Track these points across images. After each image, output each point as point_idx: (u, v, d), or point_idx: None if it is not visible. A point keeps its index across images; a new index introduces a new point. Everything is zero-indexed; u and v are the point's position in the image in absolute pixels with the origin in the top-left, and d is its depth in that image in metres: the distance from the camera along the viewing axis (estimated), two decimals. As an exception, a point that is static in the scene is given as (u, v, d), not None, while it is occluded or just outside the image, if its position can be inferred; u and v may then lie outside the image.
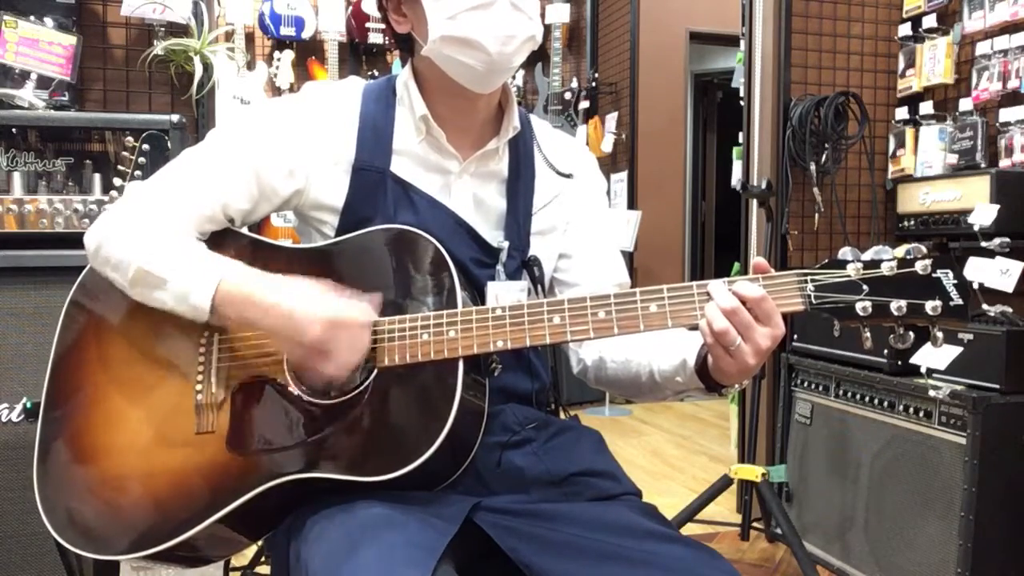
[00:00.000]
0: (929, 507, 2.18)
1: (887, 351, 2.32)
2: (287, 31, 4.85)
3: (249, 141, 1.18)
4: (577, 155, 1.33)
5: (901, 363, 2.31)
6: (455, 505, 1.05)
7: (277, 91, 4.80)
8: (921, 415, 2.23)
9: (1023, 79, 2.51)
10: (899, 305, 0.96)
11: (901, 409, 2.30)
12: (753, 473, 2.62)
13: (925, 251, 0.98)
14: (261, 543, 1.76)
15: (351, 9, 4.99)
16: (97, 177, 2.10)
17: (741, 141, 3.16)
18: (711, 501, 2.69)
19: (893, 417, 2.33)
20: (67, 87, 2.27)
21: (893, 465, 2.32)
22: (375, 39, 5.02)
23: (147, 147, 2.02)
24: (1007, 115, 2.56)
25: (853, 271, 0.98)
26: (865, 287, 0.98)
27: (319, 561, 0.96)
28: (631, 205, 5.22)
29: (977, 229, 2.40)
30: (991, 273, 2.30)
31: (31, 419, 1.84)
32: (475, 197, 1.23)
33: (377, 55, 5.21)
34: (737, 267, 3.43)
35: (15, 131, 2.13)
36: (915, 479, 2.24)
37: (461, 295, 1.08)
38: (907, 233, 2.80)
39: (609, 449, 1.25)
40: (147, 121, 2.09)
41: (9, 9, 2.23)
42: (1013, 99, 2.57)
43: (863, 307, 0.97)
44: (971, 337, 2.14)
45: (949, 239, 2.70)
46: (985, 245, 2.26)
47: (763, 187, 2.77)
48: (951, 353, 2.15)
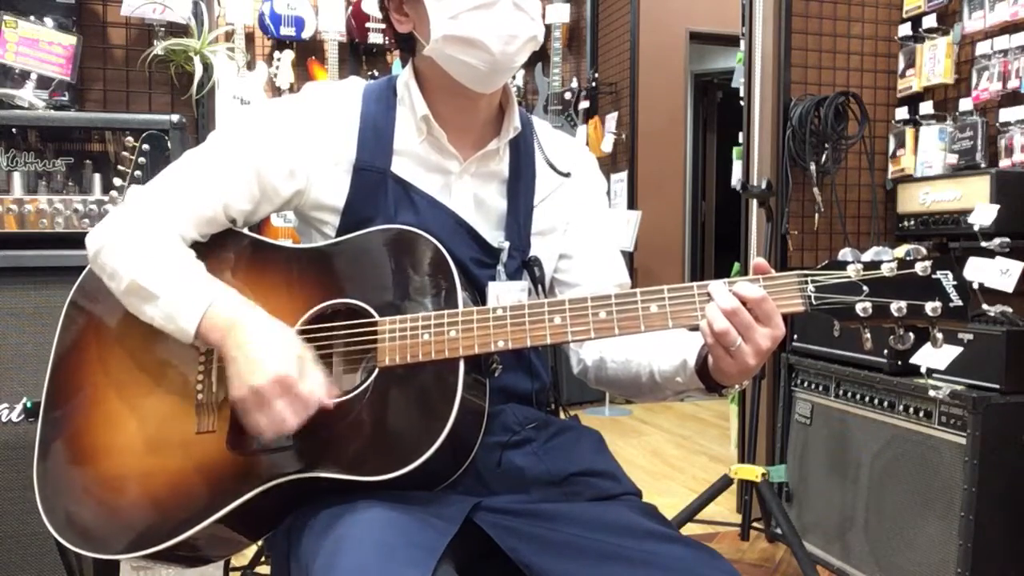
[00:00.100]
0: (929, 507, 2.18)
1: (887, 351, 2.32)
2: (287, 31, 4.85)
3: (250, 142, 1.18)
4: (577, 155, 1.33)
5: (901, 363, 2.31)
6: (455, 505, 1.05)
7: (277, 91, 4.79)
8: (921, 415, 2.23)
9: (1023, 79, 2.51)
10: (899, 306, 0.97)
11: (901, 409, 2.30)
12: (753, 473, 2.62)
13: (925, 252, 0.98)
14: (261, 543, 1.76)
15: (351, 9, 4.99)
16: (97, 177, 2.10)
17: (741, 141, 3.16)
18: (711, 501, 2.69)
19: (893, 417, 2.33)
20: (67, 87, 2.27)
21: (893, 465, 2.32)
22: (375, 39, 5.02)
23: (147, 147, 2.02)
24: (1007, 115, 2.56)
25: (853, 272, 0.99)
26: (865, 288, 0.98)
27: (319, 561, 0.96)
28: (631, 205, 5.22)
29: (977, 229, 2.40)
30: (991, 273, 2.30)
31: (31, 419, 1.84)
32: (476, 197, 1.23)
33: (377, 55, 5.21)
34: (737, 267, 3.43)
35: (15, 131, 2.13)
36: (915, 479, 2.24)
37: (462, 295, 1.08)
38: (907, 233, 2.80)
39: (609, 449, 1.25)
40: (147, 121, 2.09)
41: (9, 9, 2.23)
42: (1013, 99, 2.57)
43: (863, 308, 0.97)
44: (971, 337, 2.14)
45: (949, 239, 2.70)
46: (985, 245, 2.25)
47: (763, 187, 2.76)
48: (951, 353, 2.15)
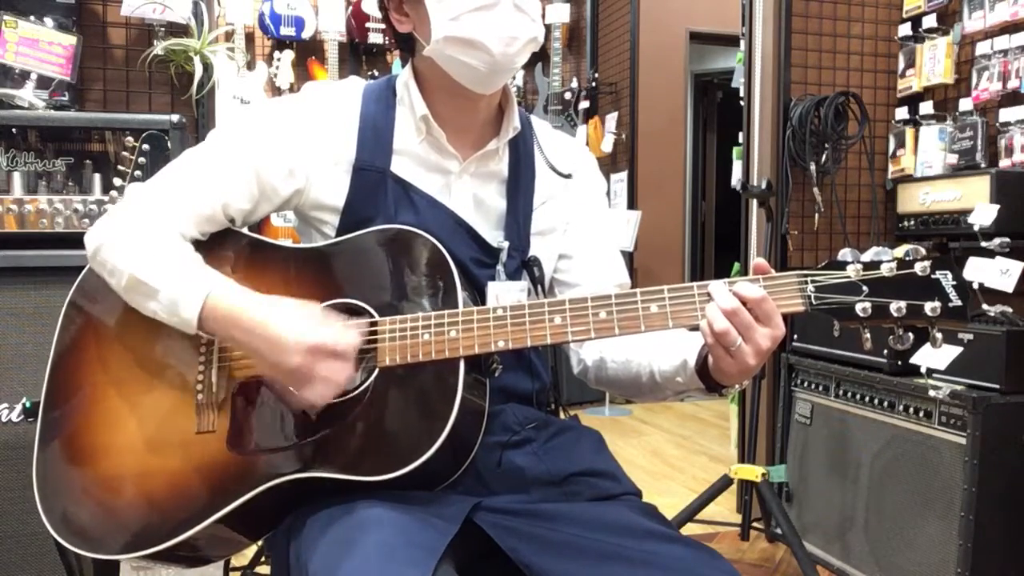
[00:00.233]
0: (929, 507, 2.18)
1: (887, 351, 2.32)
2: (287, 31, 4.85)
3: (249, 141, 1.18)
4: (577, 155, 1.33)
5: (901, 363, 2.31)
6: (455, 505, 1.05)
7: (277, 91, 4.80)
8: (921, 415, 2.23)
9: (1023, 79, 2.51)
10: (899, 306, 0.97)
11: (901, 409, 2.30)
12: (753, 473, 2.62)
13: (924, 252, 0.98)
14: (261, 543, 1.76)
15: (351, 9, 4.99)
16: (97, 177, 2.10)
17: (741, 141, 3.16)
18: (711, 501, 2.69)
19: (893, 417, 2.33)
20: (67, 87, 2.27)
21: (893, 465, 2.32)
22: (375, 39, 5.02)
23: (147, 147, 2.02)
24: (1007, 115, 2.56)
25: (853, 272, 0.99)
26: (865, 288, 0.98)
27: (319, 561, 0.96)
28: (631, 205, 5.22)
29: (977, 229, 2.40)
30: (991, 273, 2.29)
31: (31, 419, 1.84)
32: (475, 197, 1.23)
33: (377, 55, 5.21)
34: (737, 267, 3.43)
35: (15, 131, 2.13)
36: (915, 479, 2.24)
37: (461, 295, 1.08)
38: (907, 233, 2.80)
39: (609, 449, 1.25)
40: (147, 121, 2.09)
41: (9, 9, 2.23)
42: (1013, 99, 2.57)
43: (863, 308, 0.98)
44: (971, 337, 2.14)
45: (949, 239, 2.70)
46: (985, 245, 2.25)
47: (763, 187, 2.76)
48: (951, 353, 2.15)
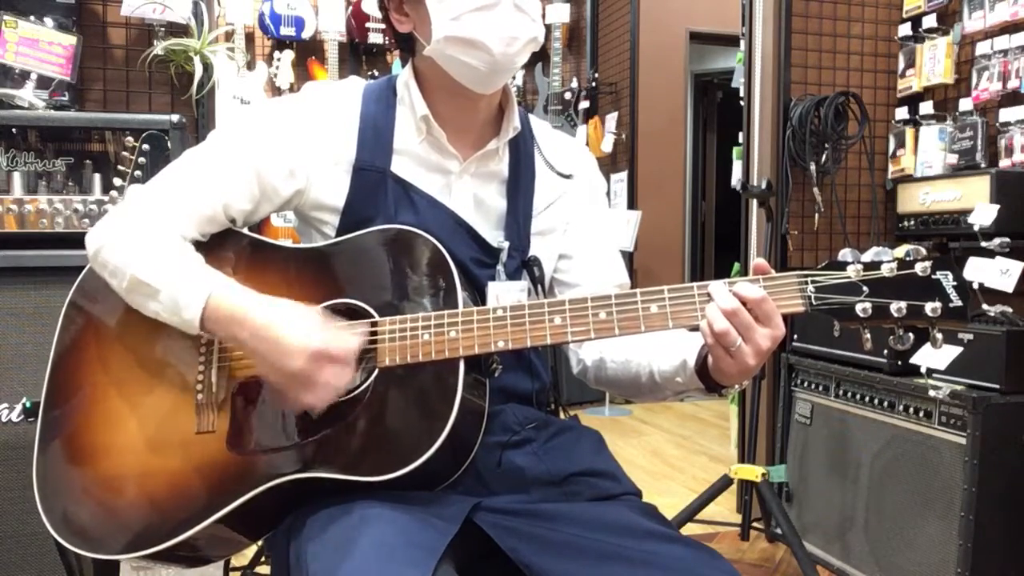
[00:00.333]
0: (929, 507, 2.18)
1: (887, 351, 2.32)
2: (287, 31, 4.85)
3: (250, 141, 1.18)
4: (577, 155, 1.33)
5: (901, 363, 2.31)
6: (455, 505, 1.05)
7: (277, 91, 4.79)
8: (921, 415, 2.23)
9: (1023, 79, 2.51)
10: (899, 307, 0.97)
11: (901, 409, 2.30)
12: (753, 473, 2.62)
13: (925, 252, 0.98)
14: (261, 543, 1.76)
15: (351, 9, 4.99)
16: (97, 177, 2.10)
17: (741, 141, 3.16)
18: (711, 501, 2.69)
19: (893, 417, 2.33)
20: (67, 87, 2.27)
21: (893, 465, 2.32)
22: (375, 39, 5.02)
23: (147, 147, 2.02)
24: (1007, 115, 2.56)
25: (853, 272, 0.99)
26: (865, 288, 0.98)
27: (319, 561, 0.96)
28: (631, 205, 5.22)
29: (977, 229, 2.40)
30: (991, 273, 2.29)
31: (31, 419, 1.84)
32: (475, 197, 1.23)
33: (377, 55, 5.21)
34: (737, 267, 3.43)
35: (15, 131, 2.13)
36: (915, 479, 2.24)
37: (461, 295, 1.08)
38: (907, 233, 2.80)
39: (609, 449, 1.25)
40: (147, 121, 2.09)
41: (9, 9, 2.23)
42: (1013, 99, 2.57)
43: (863, 308, 0.97)
44: (971, 337, 2.14)
45: (949, 239, 2.70)
46: (985, 245, 2.25)
47: (763, 187, 2.76)
48: (951, 353, 2.15)
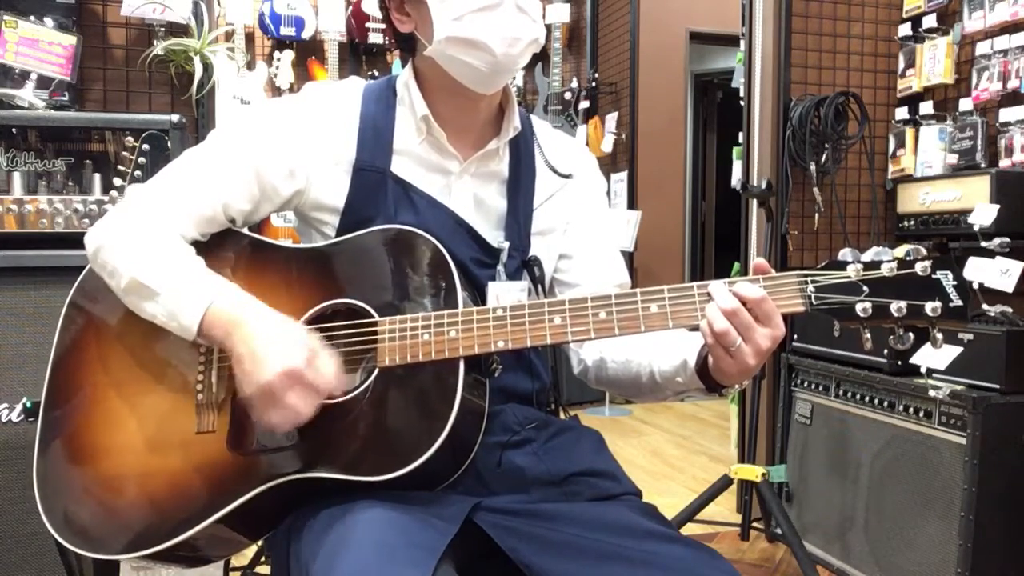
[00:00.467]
0: (929, 507, 2.18)
1: (887, 351, 2.32)
2: (287, 31, 4.85)
3: (250, 141, 1.18)
4: (577, 155, 1.33)
5: (901, 363, 2.31)
6: (455, 505, 1.05)
7: (277, 91, 4.79)
8: (921, 415, 2.23)
9: (1023, 79, 2.51)
10: (899, 306, 0.97)
11: (901, 409, 2.30)
12: (753, 473, 2.62)
13: (925, 252, 0.98)
14: (261, 543, 1.76)
15: (351, 9, 4.99)
16: (97, 177, 2.10)
17: (741, 141, 3.16)
18: (711, 501, 2.69)
19: (893, 417, 2.33)
20: (67, 87, 2.27)
21: (893, 465, 2.32)
22: (375, 39, 5.02)
23: (147, 147, 2.02)
24: (1007, 115, 2.56)
25: (853, 272, 0.98)
26: (865, 288, 0.98)
27: (319, 561, 0.96)
28: (631, 205, 5.22)
29: (977, 229, 2.40)
30: (991, 273, 2.29)
31: (31, 419, 1.84)
32: (475, 197, 1.23)
33: (377, 55, 5.21)
34: (737, 267, 3.43)
35: (15, 131, 2.13)
36: (915, 479, 2.24)
37: (461, 295, 1.08)
38: (907, 233, 2.80)
39: (609, 449, 1.25)
40: (147, 121, 2.09)
41: (9, 9, 2.23)
42: (1013, 99, 2.57)
43: (863, 308, 0.97)
44: (971, 337, 2.14)
45: (949, 239, 2.70)
46: (985, 245, 2.25)
47: (763, 187, 2.76)
48: (951, 353, 2.15)
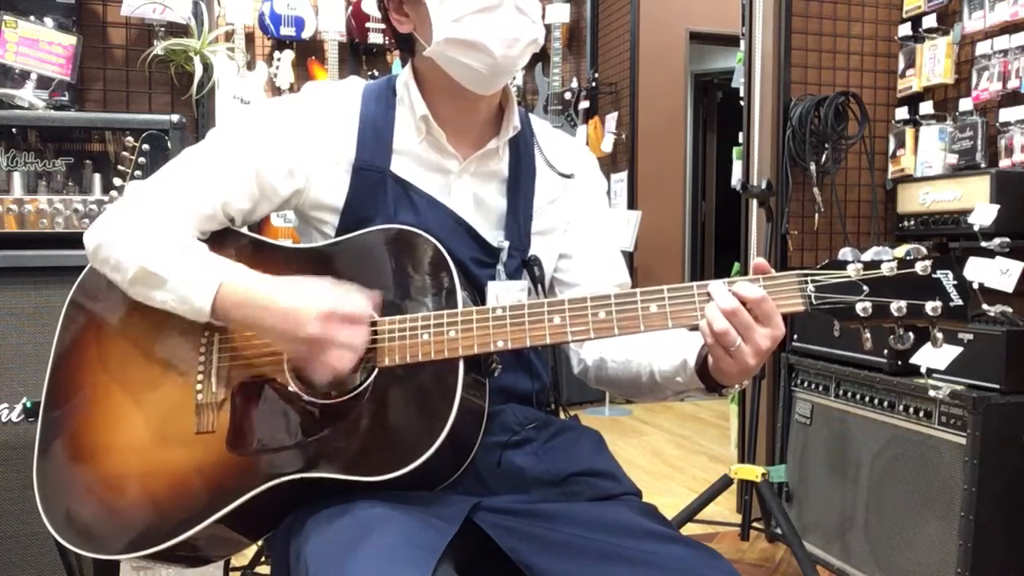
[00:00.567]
0: (929, 507, 2.18)
1: (887, 351, 2.32)
2: (287, 31, 4.85)
3: (250, 140, 1.18)
4: (577, 155, 1.33)
5: (901, 363, 2.31)
6: (455, 505, 1.05)
7: (277, 91, 4.79)
8: (921, 415, 2.23)
9: (1023, 79, 2.51)
10: (899, 306, 0.96)
11: (901, 409, 2.30)
12: (753, 473, 2.62)
13: (925, 252, 0.98)
14: (261, 543, 1.76)
15: (351, 9, 4.99)
16: (97, 177, 2.11)
17: (741, 141, 3.16)
18: (711, 501, 2.69)
19: (893, 417, 2.33)
20: (67, 87, 2.27)
21: (893, 465, 2.32)
22: (375, 39, 5.02)
23: (147, 147, 2.02)
24: (1007, 115, 2.56)
25: (853, 272, 0.98)
26: (865, 288, 0.98)
27: (319, 561, 0.96)
28: (631, 205, 5.22)
29: (977, 229, 2.40)
30: (991, 273, 2.29)
31: (31, 419, 1.84)
32: (475, 197, 1.23)
33: (377, 55, 5.21)
34: (737, 267, 3.43)
35: (15, 131, 2.13)
36: (915, 479, 2.24)
37: (461, 295, 1.08)
38: (907, 233, 2.80)
39: (609, 449, 1.25)
40: (147, 121, 2.09)
41: (9, 9, 2.23)
42: (1013, 99, 2.57)
43: (863, 308, 0.97)
44: (971, 337, 2.14)
45: (949, 239, 2.70)
46: (985, 245, 2.25)
47: (763, 187, 2.76)
48: (951, 353, 2.15)
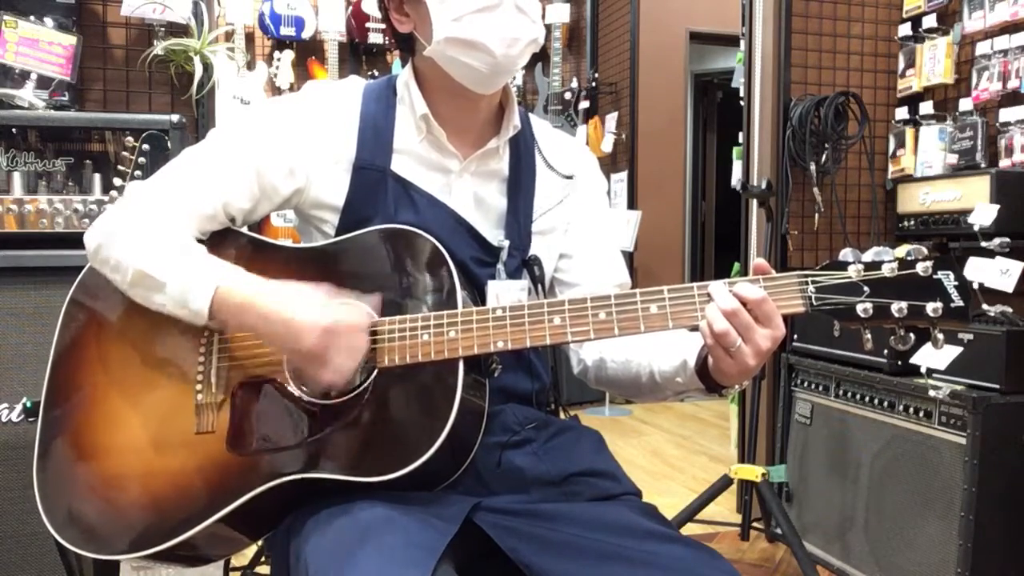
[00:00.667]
0: (929, 507, 2.18)
1: (887, 351, 2.32)
2: (287, 31, 4.85)
3: (250, 140, 1.18)
4: (577, 155, 1.33)
5: (901, 363, 2.30)
6: (455, 505, 1.05)
7: (277, 91, 4.79)
8: (921, 415, 2.23)
9: (1023, 79, 2.51)
10: (900, 307, 0.96)
11: (901, 409, 2.30)
12: (753, 473, 2.62)
13: (926, 252, 0.98)
14: (261, 543, 1.76)
15: (351, 9, 4.99)
16: (97, 177, 2.11)
17: (741, 141, 3.16)
18: (711, 501, 2.69)
19: (893, 417, 2.33)
20: (67, 87, 2.27)
21: (893, 465, 2.32)
22: (375, 39, 5.02)
23: (147, 147, 2.02)
24: (1007, 115, 2.56)
25: (854, 272, 0.98)
26: (866, 289, 0.98)
27: (319, 561, 0.96)
28: (631, 205, 5.22)
29: (977, 229, 2.40)
30: (991, 273, 2.29)
31: (31, 419, 1.84)
32: (476, 196, 1.23)
33: (377, 55, 5.21)
34: (737, 267, 3.43)
35: (15, 131, 2.13)
36: (915, 479, 2.24)
37: (461, 294, 1.08)
38: (907, 233, 2.80)
39: (609, 449, 1.25)
40: (147, 121, 2.09)
41: (9, 9, 2.23)
42: (1013, 99, 2.57)
43: (864, 309, 0.97)
44: (971, 337, 2.14)
45: (949, 239, 2.70)
46: (985, 245, 2.25)
47: (763, 187, 2.76)
48: (951, 353, 2.15)
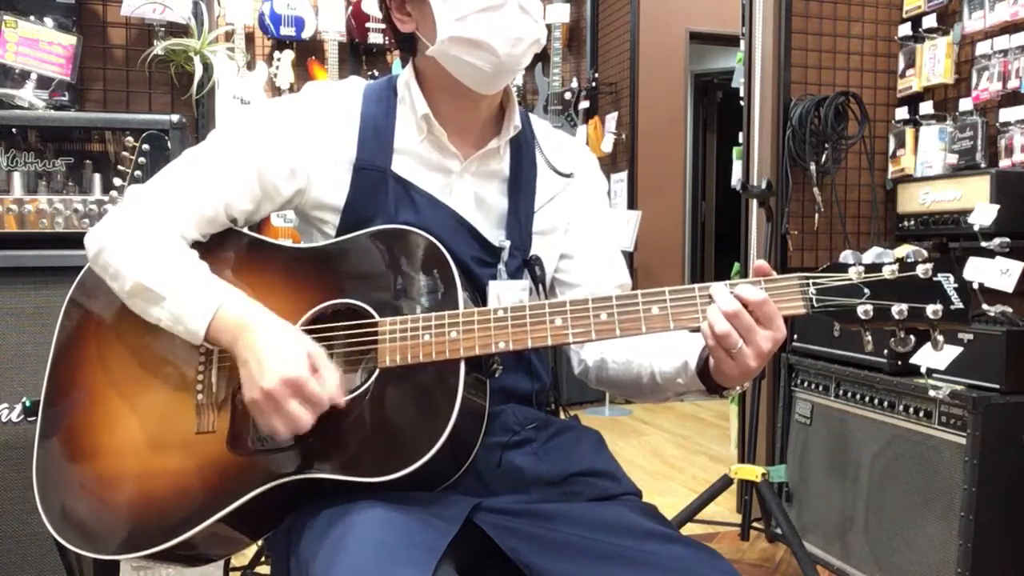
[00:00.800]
0: (929, 507, 2.18)
1: (887, 351, 2.32)
2: (287, 31, 4.84)
3: (251, 141, 1.18)
4: (578, 155, 1.33)
5: (901, 363, 2.30)
6: (455, 505, 1.05)
7: (277, 91, 4.79)
8: (921, 415, 2.23)
9: (1023, 79, 2.51)
10: (900, 309, 0.97)
11: (901, 409, 2.30)
12: (753, 473, 2.62)
13: (926, 254, 0.98)
14: (261, 543, 1.76)
15: (351, 9, 4.98)
16: (97, 177, 2.10)
17: (741, 141, 3.16)
18: (711, 501, 2.69)
19: (893, 417, 2.33)
20: (67, 87, 2.27)
21: (893, 465, 2.32)
22: (375, 39, 5.02)
23: (147, 147, 2.02)
24: (1007, 115, 2.56)
25: (855, 274, 0.99)
26: (866, 290, 0.98)
27: (319, 561, 0.96)
28: (631, 205, 5.22)
29: (977, 229, 2.40)
30: (991, 273, 2.30)
31: (31, 419, 1.84)
32: (476, 196, 1.23)
33: (377, 55, 5.21)
34: (737, 267, 3.43)
35: (15, 131, 2.13)
36: (915, 479, 2.24)
37: (462, 295, 1.08)
38: (907, 233, 2.80)
39: (609, 449, 1.25)
40: (147, 121, 2.09)
41: (9, 9, 2.23)
42: (1013, 99, 2.57)
43: (864, 311, 0.97)
44: (971, 337, 2.14)
45: (949, 239, 2.70)
46: (985, 245, 2.25)
47: (763, 187, 2.77)
48: (951, 353, 2.15)
